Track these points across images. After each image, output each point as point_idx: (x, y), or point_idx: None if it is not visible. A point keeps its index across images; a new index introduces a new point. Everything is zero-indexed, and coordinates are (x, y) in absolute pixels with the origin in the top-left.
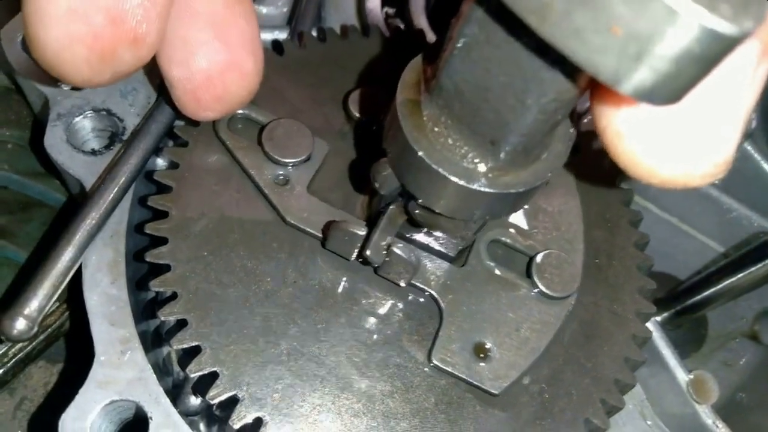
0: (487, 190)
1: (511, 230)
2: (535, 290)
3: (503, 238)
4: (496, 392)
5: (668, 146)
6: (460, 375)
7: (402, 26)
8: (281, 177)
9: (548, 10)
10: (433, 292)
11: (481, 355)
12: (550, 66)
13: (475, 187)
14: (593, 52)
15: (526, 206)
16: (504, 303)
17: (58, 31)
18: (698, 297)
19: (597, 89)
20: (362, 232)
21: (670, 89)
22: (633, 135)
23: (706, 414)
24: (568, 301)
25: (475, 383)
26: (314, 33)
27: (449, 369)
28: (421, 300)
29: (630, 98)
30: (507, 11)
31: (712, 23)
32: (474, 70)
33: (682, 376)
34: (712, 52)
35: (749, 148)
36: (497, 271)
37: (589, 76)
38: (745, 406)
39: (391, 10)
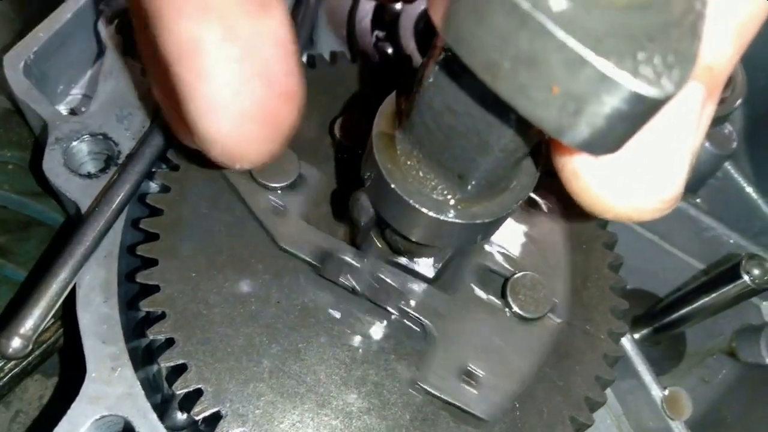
0: (455, 220)
1: (498, 257)
2: (519, 316)
3: (490, 264)
4: (484, 417)
5: (619, 184)
6: (449, 399)
7: (391, 50)
8: (274, 203)
9: (498, 68)
10: (421, 318)
11: (470, 381)
12: (506, 114)
13: (443, 217)
14: (537, 107)
15: (513, 233)
16: (492, 329)
17: (228, 118)
18: (675, 315)
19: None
20: (356, 262)
21: (607, 142)
22: (587, 175)
23: (679, 429)
24: (553, 327)
25: (465, 408)
26: (304, 59)
27: (438, 394)
28: (399, 320)
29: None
30: (464, 65)
31: (636, 87)
32: (440, 112)
33: (657, 393)
34: (639, 112)
35: (730, 168)
36: (484, 297)
37: None
38: (721, 422)
39: (381, 34)
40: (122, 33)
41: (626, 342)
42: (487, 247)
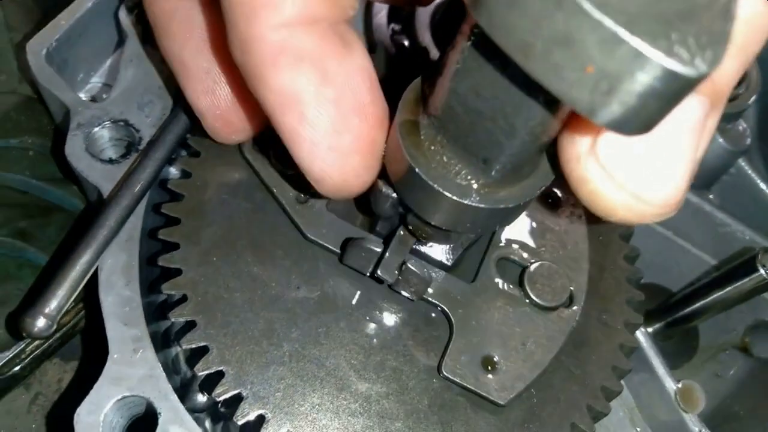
0: (478, 205)
1: (519, 248)
2: (540, 306)
3: (511, 256)
4: (502, 403)
5: (624, 190)
6: (468, 386)
7: (407, 43)
8: (302, 195)
9: (531, 48)
10: (444, 307)
11: (489, 368)
12: (536, 95)
13: (467, 202)
14: (570, 87)
15: (534, 225)
16: (511, 318)
17: (334, 157)
18: (688, 309)
19: (569, 126)
20: (379, 249)
21: (638, 121)
22: (593, 181)
23: (692, 422)
24: (572, 317)
25: (483, 394)
26: None
27: (458, 380)
28: (418, 307)
29: (604, 128)
30: (495, 46)
31: (671, 65)
32: (466, 95)
33: (671, 386)
34: (672, 90)
35: (744, 165)
36: (505, 287)
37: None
38: (734, 416)
39: (397, 26)
40: (143, 22)
41: (640, 335)
42: (506, 238)
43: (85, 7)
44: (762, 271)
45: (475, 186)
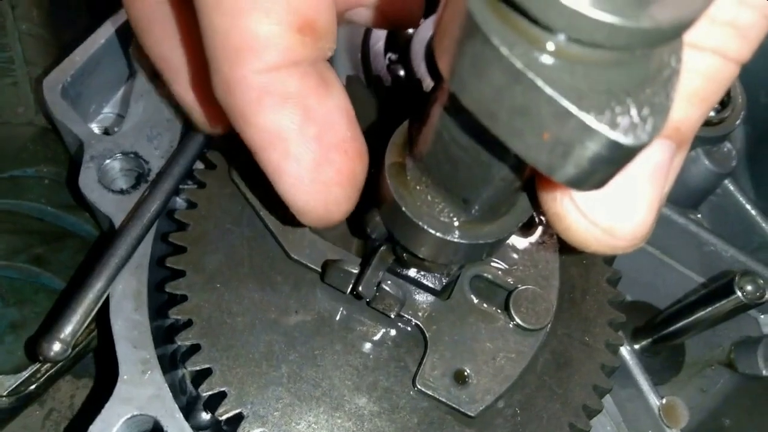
0: (459, 241)
1: (493, 267)
2: (512, 323)
3: (485, 274)
4: (472, 414)
5: (596, 226)
6: (440, 398)
7: (402, 73)
8: (288, 215)
9: (496, 114)
10: (419, 323)
11: (460, 381)
12: (505, 152)
13: (449, 238)
14: (531, 150)
15: (508, 245)
16: (483, 333)
17: (317, 190)
18: (674, 327)
19: (540, 176)
20: (355, 270)
21: (591, 181)
22: (568, 218)
23: None
24: (541, 333)
25: (454, 406)
26: None
27: (431, 393)
28: (409, 329)
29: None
30: (467, 110)
31: (614, 136)
32: (446, 145)
33: (655, 402)
34: (617, 157)
35: (730, 186)
36: (478, 304)
37: None
38: (718, 431)
39: (393, 56)
40: None
41: (626, 352)
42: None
43: (99, 43)
44: (739, 293)
45: (456, 223)
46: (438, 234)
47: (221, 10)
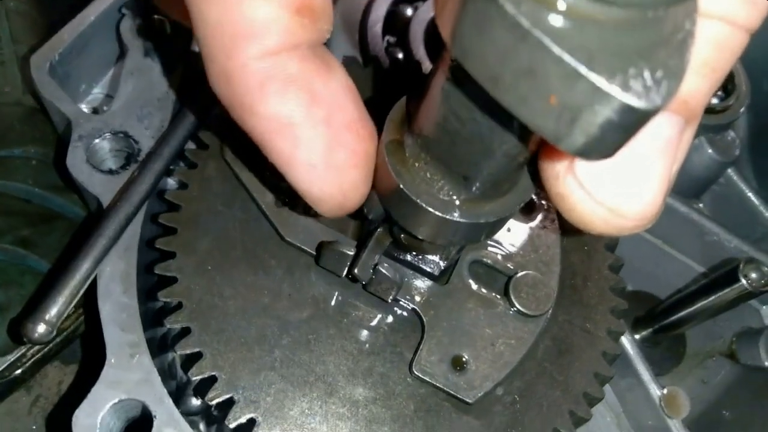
0: (460, 219)
1: (492, 251)
2: (512, 308)
3: (484, 259)
4: (470, 401)
5: (602, 205)
6: (438, 384)
7: (401, 55)
8: (281, 199)
9: (500, 79)
10: (416, 308)
11: (458, 367)
12: (509, 122)
13: (449, 216)
14: (536, 116)
15: (507, 230)
16: (482, 319)
17: (332, 175)
18: (675, 316)
19: (546, 149)
20: (351, 252)
21: (601, 149)
22: (572, 197)
23: (676, 428)
24: (541, 319)
25: (452, 392)
26: None
27: (428, 379)
28: (406, 315)
29: (571, 155)
30: (470, 76)
31: (627, 99)
32: (446, 118)
33: (656, 392)
34: (629, 122)
35: (733, 175)
36: (477, 290)
37: None
38: (719, 422)
39: (392, 39)
40: (143, 35)
41: (626, 342)
42: (482, 242)
43: (87, 21)
44: (743, 281)
45: (456, 202)
46: (437, 212)
47: None
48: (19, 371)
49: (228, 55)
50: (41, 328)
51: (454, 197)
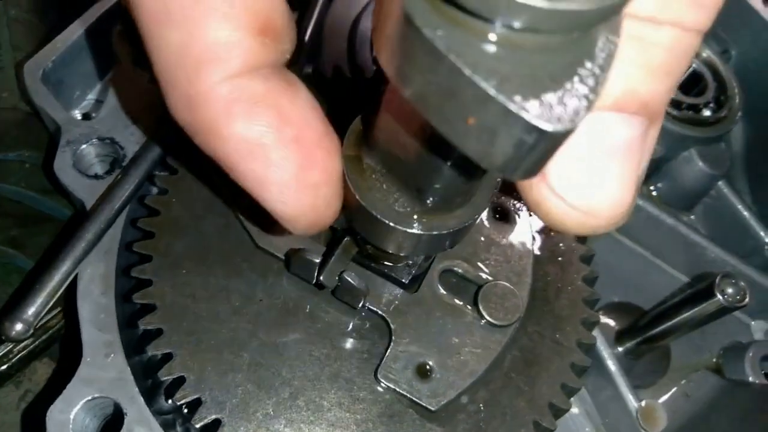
0: (415, 231)
1: (464, 261)
2: (480, 318)
3: (455, 268)
4: (433, 408)
5: (576, 208)
6: (401, 391)
7: None
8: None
9: (427, 99)
10: (384, 315)
11: (423, 375)
12: (443, 140)
13: (405, 228)
14: (460, 136)
15: (480, 239)
16: (449, 328)
17: (306, 193)
18: (656, 329)
19: None
20: (317, 260)
21: (521, 168)
22: (549, 201)
23: None
24: (509, 329)
25: (415, 399)
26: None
27: (392, 385)
28: (375, 321)
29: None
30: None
31: (536, 122)
32: (394, 134)
33: (633, 404)
34: (541, 143)
35: (723, 188)
36: (446, 299)
37: None
38: None
39: None
40: (133, 45)
41: (606, 354)
42: (454, 251)
43: (81, 30)
44: (719, 296)
45: (413, 214)
46: (392, 224)
47: (170, 22)
48: (4, 366)
49: (190, 81)
50: (18, 327)
51: (409, 209)
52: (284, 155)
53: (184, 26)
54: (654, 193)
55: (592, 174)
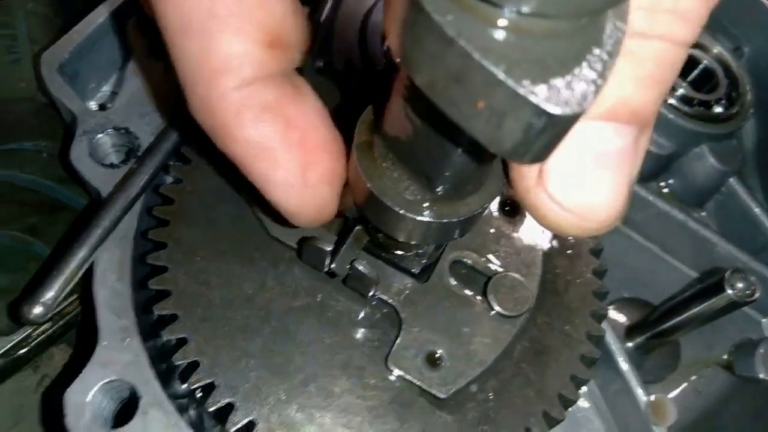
0: (425, 219)
1: (474, 252)
2: (489, 308)
3: (465, 259)
4: (442, 396)
5: (572, 212)
6: (411, 379)
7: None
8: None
9: (435, 83)
10: (394, 304)
11: (433, 363)
12: (453, 125)
13: (415, 216)
14: (468, 120)
15: (490, 231)
16: (459, 318)
17: (308, 193)
18: (666, 324)
19: (513, 165)
20: (329, 248)
21: (529, 152)
22: (545, 205)
23: None
24: (518, 320)
25: (425, 387)
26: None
27: (402, 373)
28: (386, 310)
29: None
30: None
31: (545, 106)
32: (403, 120)
33: (642, 398)
34: (550, 127)
35: (735, 184)
36: (456, 289)
37: None
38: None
39: None
40: (148, 36)
41: (616, 348)
42: (462, 241)
43: (97, 22)
44: (729, 291)
45: (423, 202)
46: (402, 211)
47: (190, 33)
48: (23, 351)
49: (207, 87)
50: (37, 310)
51: (419, 197)
52: (289, 157)
53: (201, 38)
54: (665, 190)
55: (587, 180)
